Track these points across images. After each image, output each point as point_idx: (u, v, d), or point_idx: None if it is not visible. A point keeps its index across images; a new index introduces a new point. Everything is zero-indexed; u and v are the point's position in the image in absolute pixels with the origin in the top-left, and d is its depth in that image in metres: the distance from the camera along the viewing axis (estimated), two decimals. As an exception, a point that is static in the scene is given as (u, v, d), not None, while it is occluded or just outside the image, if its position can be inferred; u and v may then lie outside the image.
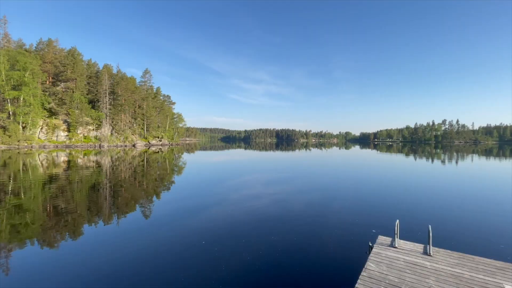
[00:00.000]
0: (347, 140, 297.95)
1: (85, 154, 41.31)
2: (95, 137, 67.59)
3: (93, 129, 68.00)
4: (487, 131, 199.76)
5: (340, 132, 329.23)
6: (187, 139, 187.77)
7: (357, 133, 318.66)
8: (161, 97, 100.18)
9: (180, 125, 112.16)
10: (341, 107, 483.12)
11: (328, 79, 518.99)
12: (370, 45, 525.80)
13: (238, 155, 50.06)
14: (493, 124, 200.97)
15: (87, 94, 70.37)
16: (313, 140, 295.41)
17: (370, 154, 55.70)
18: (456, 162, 34.53)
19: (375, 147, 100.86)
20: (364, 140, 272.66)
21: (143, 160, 33.86)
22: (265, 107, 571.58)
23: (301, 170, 26.00)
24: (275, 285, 5.37)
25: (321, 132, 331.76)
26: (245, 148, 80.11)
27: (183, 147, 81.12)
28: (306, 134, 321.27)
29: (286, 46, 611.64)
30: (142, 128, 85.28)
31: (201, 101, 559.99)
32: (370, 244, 6.12)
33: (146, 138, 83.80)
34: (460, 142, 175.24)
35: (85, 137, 65.65)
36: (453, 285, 4.31)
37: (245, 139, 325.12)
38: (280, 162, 35.25)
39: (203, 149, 69.70)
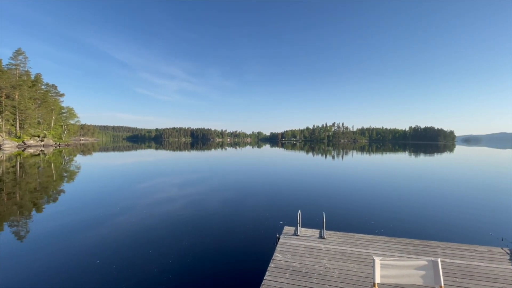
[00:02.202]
0: (259, 140, 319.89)
1: None
2: None
3: None
4: (362, 132, 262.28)
5: (253, 132, 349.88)
6: (82, 138, 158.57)
7: (268, 133, 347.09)
8: (43, 87, 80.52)
9: (72, 121, 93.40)
10: (254, 109, 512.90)
11: (241, 81, 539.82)
12: (279, 50, 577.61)
13: (147, 156, 45.67)
14: (365, 127, 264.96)
15: None
16: (229, 140, 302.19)
17: (278, 151, 61.47)
18: (342, 157, 42.36)
19: (282, 145, 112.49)
20: (273, 140, 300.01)
21: (14, 166, 26.34)
22: (179, 105, 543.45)
23: (217, 169, 26.05)
24: (187, 292, 5.14)
25: (236, 131, 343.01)
26: (156, 149, 74.06)
27: (76, 148, 67.85)
28: (222, 134, 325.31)
29: (202, 44, 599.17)
30: (12, 125, 66.38)
31: (101, 95, 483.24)
32: (278, 235, 6.68)
33: (19, 138, 65.75)
34: (345, 141, 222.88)
35: None
36: (340, 261, 5.21)
37: (157, 139, 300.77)
38: (195, 162, 34.29)
39: (104, 150, 60.25)
